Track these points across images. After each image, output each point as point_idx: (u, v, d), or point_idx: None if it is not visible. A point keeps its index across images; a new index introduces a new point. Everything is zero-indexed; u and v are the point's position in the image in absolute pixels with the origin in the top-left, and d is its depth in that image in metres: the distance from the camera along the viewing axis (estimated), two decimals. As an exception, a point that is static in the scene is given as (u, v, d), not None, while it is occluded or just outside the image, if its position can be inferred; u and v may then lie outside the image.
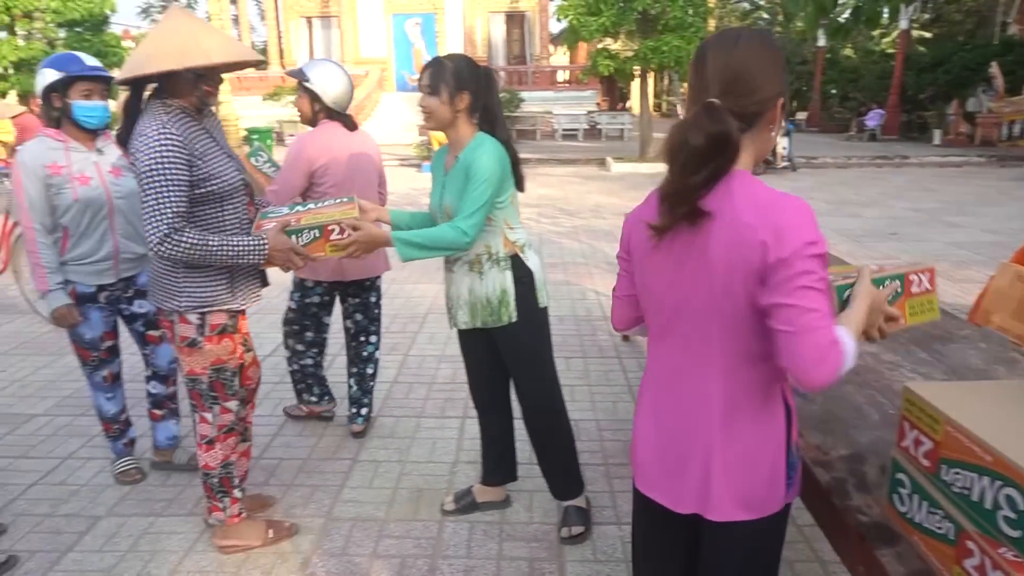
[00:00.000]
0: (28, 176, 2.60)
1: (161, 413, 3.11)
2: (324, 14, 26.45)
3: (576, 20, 15.12)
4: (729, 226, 1.18)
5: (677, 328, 1.32)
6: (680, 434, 1.33)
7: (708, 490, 1.28)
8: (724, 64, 1.23)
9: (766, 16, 34.21)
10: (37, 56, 17.07)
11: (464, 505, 2.79)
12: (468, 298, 2.43)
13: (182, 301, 2.23)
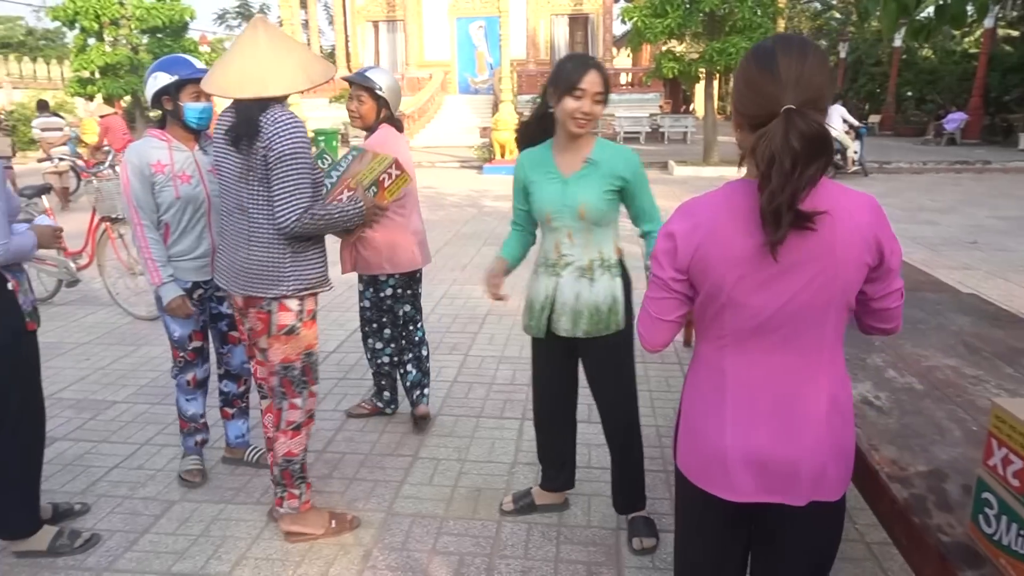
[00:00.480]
0: (134, 174, 2.70)
1: (232, 411, 3.18)
2: (390, 18, 26.95)
3: (641, 22, 14.98)
4: (848, 224, 1.23)
5: (776, 331, 1.30)
6: (791, 429, 1.32)
7: (824, 474, 1.33)
8: (799, 74, 1.21)
9: (838, 16, 33.11)
10: (122, 61, 17.97)
11: (522, 506, 2.79)
12: (574, 304, 2.36)
13: (289, 286, 2.39)
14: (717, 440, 1.36)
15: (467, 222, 9.68)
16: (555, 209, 2.32)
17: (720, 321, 1.34)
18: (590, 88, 2.18)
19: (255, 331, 2.48)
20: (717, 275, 1.29)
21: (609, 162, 2.27)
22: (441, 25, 26.41)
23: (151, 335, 5.03)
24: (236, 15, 37.19)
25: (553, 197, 2.32)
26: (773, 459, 1.32)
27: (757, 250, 1.24)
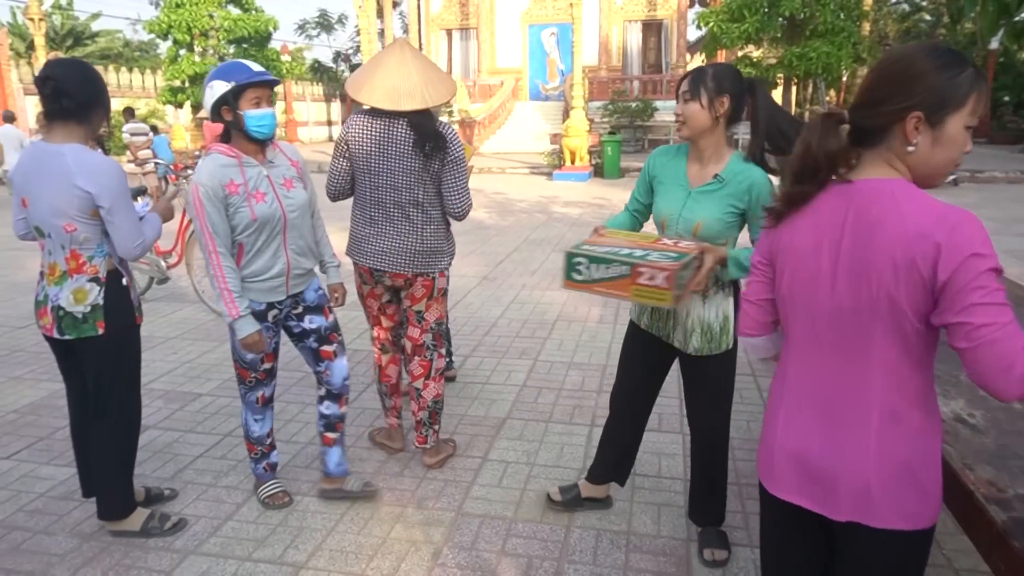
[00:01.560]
0: (208, 198, 2.46)
1: (334, 437, 2.95)
2: (463, 26, 27.35)
3: (717, 27, 14.74)
4: (894, 231, 1.19)
5: (825, 334, 1.32)
6: (834, 437, 1.32)
7: (868, 494, 1.27)
8: (867, 74, 1.31)
9: (928, 18, 31.64)
10: (210, 71, 18.89)
11: (569, 499, 2.81)
12: (685, 321, 2.34)
13: (447, 260, 3.02)
14: (771, 436, 1.42)
15: (536, 228, 9.72)
16: (672, 218, 2.30)
17: (787, 323, 1.42)
18: (680, 90, 2.25)
19: (415, 298, 3.05)
20: (785, 277, 1.37)
21: (737, 181, 2.20)
22: (513, 32, 26.62)
23: (234, 331, 5.25)
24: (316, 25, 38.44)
25: (673, 206, 2.30)
26: (813, 463, 1.34)
27: (817, 252, 1.30)
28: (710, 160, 2.26)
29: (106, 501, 2.65)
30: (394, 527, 2.74)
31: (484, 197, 13.22)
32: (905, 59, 1.25)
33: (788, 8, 13.85)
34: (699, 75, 2.22)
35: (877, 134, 1.27)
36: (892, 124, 1.24)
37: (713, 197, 2.22)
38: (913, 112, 1.22)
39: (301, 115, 31.44)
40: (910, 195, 1.21)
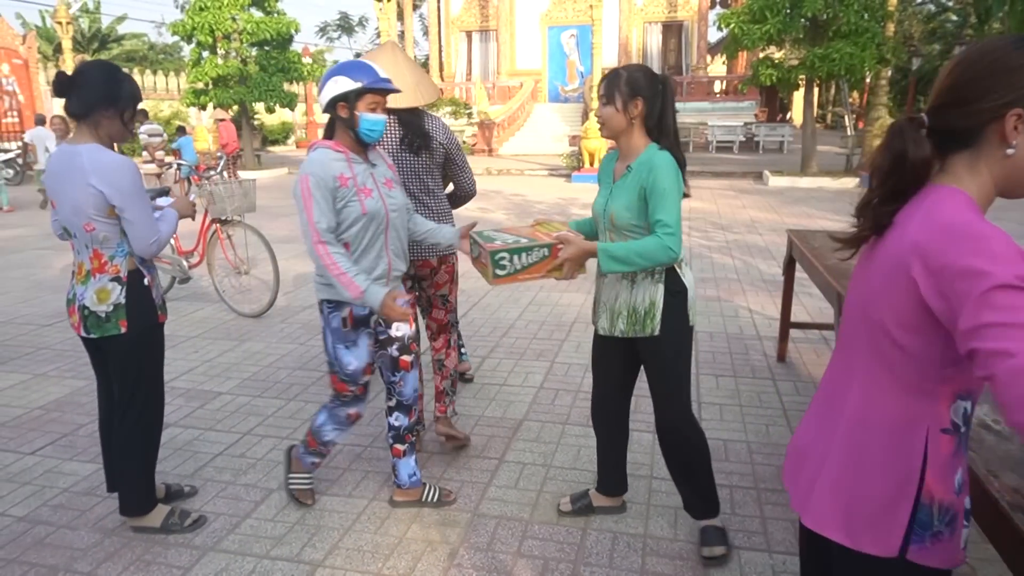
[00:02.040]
0: (318, 187, 2.39)
1: (403, 448, 2.85)
2: (483, 28, 27.43)
3: (739, 28, 14.60)
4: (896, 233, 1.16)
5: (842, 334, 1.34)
6: (813, 422, 1.37)
7: (812, 489, 1.29)
8: (947, 70, 1.16)
9: (955, 18, 31.18)
10: (232, 73, 19.05)
11: (580, 507, 2.80)
12: (613, 304, 2.45)
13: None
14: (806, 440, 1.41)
15: (555, 230, 9.70)
16: (599, 213, 2.47)
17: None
18: (599, 92, 2.39)
19: (440, 284, 3.26)
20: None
21: (642, 171, 2.28)
22: (533, 34, 26.64)
23: (254, 331, 5.31)
24: (336, 27, 38.78)
25: (600, 201, 2.47)
26: (800, 450, 1.37)
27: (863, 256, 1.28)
28: (628, 156, 2.38)
29: (127, 497, 2.69)
30: (411, 527, 2.75)
31: (502, 199, 13.23)
32: (998, 51, 1.10)
33: (811, 9, 13.68)
34: (614, 79, 2.31)
35: (964, 137, 1.13)
36: (985, 124, 1.10)
37: (625, 187, 2.32)
38: (1014, 108, 1.07)
39: (321, 117, 31.61)
40: (941, 201, 1.11)
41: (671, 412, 2.51)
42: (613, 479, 2.79)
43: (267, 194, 13.76)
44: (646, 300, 2.38)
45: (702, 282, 6.61)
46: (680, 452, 2.55)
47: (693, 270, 7.13)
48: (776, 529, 2.70)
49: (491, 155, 22.66)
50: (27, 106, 20.91)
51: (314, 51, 34.41)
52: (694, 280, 2.49)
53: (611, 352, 2.59)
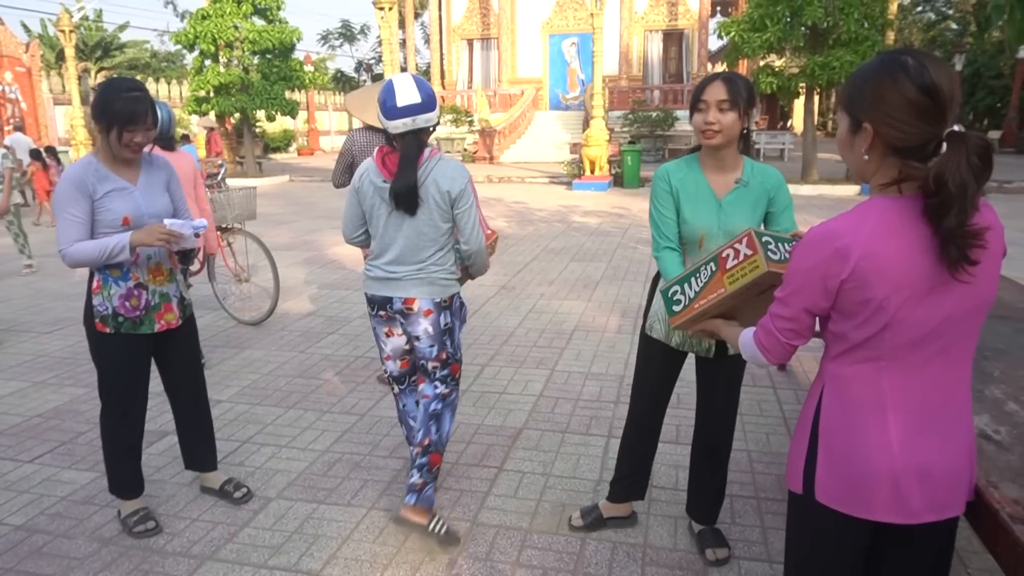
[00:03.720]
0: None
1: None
2: (484, 36, 27.50)
3: (739, 36, 14.64)
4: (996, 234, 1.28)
5: (934, 343, 1.32)
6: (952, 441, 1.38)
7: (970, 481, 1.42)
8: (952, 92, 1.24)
9: (955, 26, 31.25)
10: (234, 81, 19.12)
11: (591, 521, 2.77)
12: None
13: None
14: (883, 460, 1.33)
15: (555, 237, 9.71)
16: (710, 232, 2.26)
17: (878, 340, 1.31)
18: (711, 98, 2.16)
19: None
20: (880, 297, 1.26)
21: (760, 179, 2.26)
22: (534, 42, 26.71)
23: (254, 339, 5.31)
24: (338, 35, 38.89)
25: (708, 219, 2.26)
26: (941, 472, 1.34)
27: (926, 268, 1.25)
28: (731, 168, 2.26)
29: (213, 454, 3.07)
30: (409, 536, 2.73)
31: (503, 206, 13.24)
32: (869, 68, 1.32)
33: (811, 17, 13.70)
34: (734, 84, 2.17)
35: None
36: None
37: (742, 202, 2.25)
38: (865, 123, 1.32)
39: (323, 124, 31.78)
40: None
41: (728, 427, 2.54)
42: (635, 487, 2.76)
43: (268, 202, 13.79)
44: None
45: (702, 290, 6.60)
46: (719, 466, 2.58)
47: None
48: (776, 539, 2.68)
49: (492, 162, 22.69)
50: (29, 114, 20.97)
51: (316, 59, 34.55)
52: None
53: (669, 368, 2.55)
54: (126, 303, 2.66)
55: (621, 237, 9.66)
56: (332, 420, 3.83)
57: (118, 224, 2.58)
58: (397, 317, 2.74)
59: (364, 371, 4.57)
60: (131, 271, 2.66)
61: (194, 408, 3.01)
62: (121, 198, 2.58)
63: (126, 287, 2.65)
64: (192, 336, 2.97)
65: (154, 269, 2.71)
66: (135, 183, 2.65)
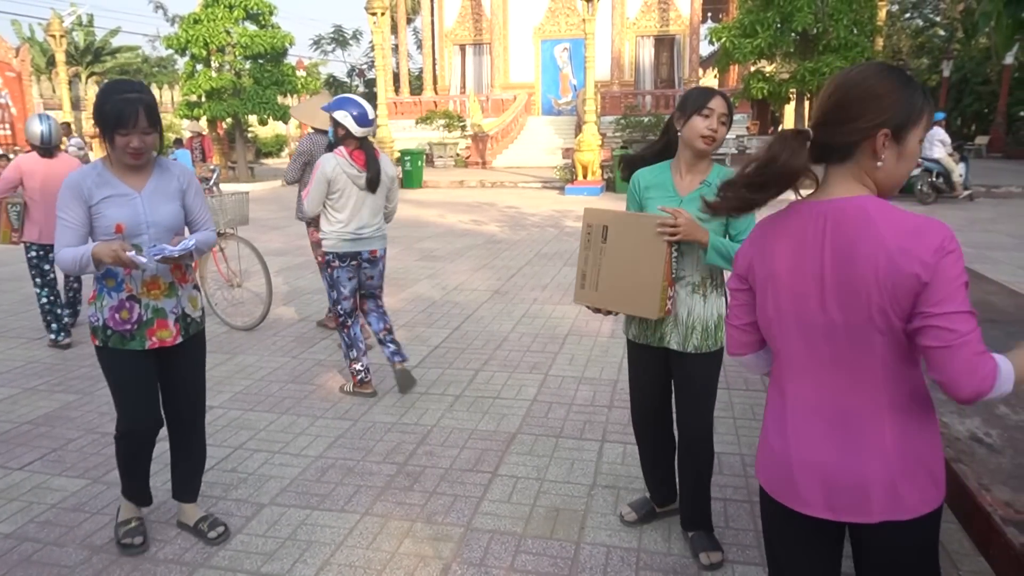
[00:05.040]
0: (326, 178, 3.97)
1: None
2: (477, 41, 27.59)
3: (730, 42, 14.76)
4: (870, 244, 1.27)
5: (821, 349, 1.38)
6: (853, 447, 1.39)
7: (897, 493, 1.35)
8: (827, 92, 1.35)
9: (942, 33, 31.53)
10: (226, 86, 19.09)
11: (644, 515, 2.82)
12: (686, 320, 2.44)
13: None
14: (783, 454, 1.44)
15: (548, 242, 9.72)
16: None
17: (771, 338, 1.46)
18: (718, 108, 2.32)
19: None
20: (761, 288, 1.43)
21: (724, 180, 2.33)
22: (526, 48, 26.81)
23: (246, 344, 5.29)
24: (331, 41, 38.86)
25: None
26: (836, 475, 1.36)
27: (792, 266, 1.36)
28: (700, 172, 2.42)
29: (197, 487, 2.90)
30: (403, 542, 2.73)
31: (496, 211, 13.26)
32: (867, 79, 1.31)
33: (801, 23, 13.84)
34: (731, 104, 2.40)
35: (844, 151, 1.33)
36: (861, 141, 1.31)
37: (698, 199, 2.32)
38: (883, 129, 1.29)
39: (315, 129, 31.70)
40: (883, 210, 1.28)
41: (704, 423, 2.57)
42: (662, 493, 2.80)
43: (260, 206, 13.76)
44: (714, 314, 2.45)
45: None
46: (699, 463, 2.61)
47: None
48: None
49: (485, 167, 22.72)
50: (19, 119, 20.86)
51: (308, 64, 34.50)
52: None
53: (654, 367, 2.60)
54: (116, 315, 2.53)
55: (614, 242, 9.66)
56: (325, 425, 3.82)
57: (111, 231, 2.46)
58: (363, 265, 4.13)
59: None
60: (125, 282, 2.53)
61: (191, 434, 2.83)
62: (118, 204, 2.46)
63: (118, 299, 2.53)
64: (196, 357, 2.77)
65: (149, 282, 2.56)
66: (140, 189, 2.52)
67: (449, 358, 4.88)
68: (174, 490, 2.88)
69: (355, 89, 35.79)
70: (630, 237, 2.33)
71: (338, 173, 3.88)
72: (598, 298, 2.44)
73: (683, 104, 2.38)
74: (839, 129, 1.32)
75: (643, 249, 2.29)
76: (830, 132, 1.34)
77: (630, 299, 2.38)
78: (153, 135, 2.44)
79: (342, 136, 3.96)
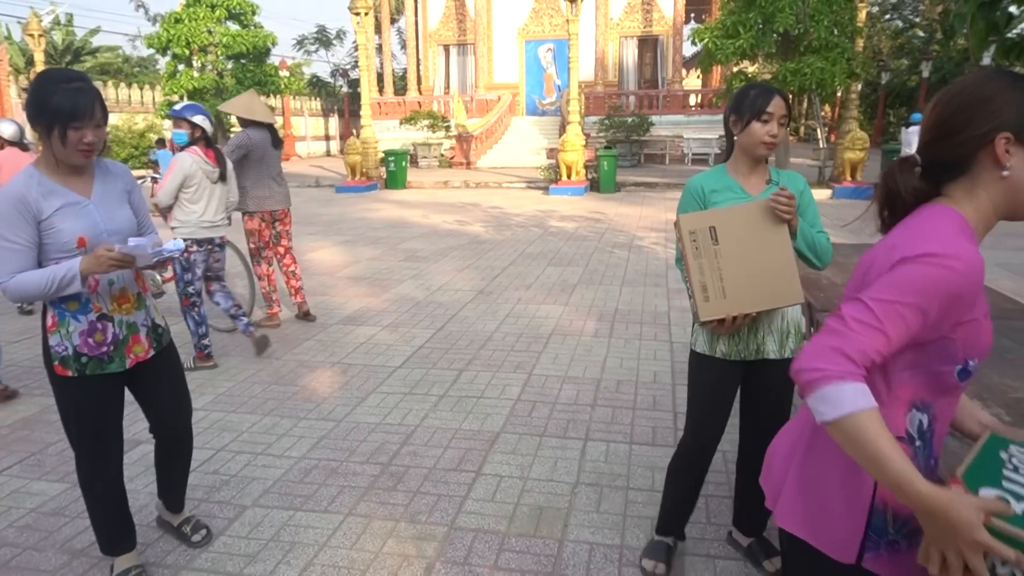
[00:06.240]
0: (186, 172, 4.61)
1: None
2: (461, 41, 27.55)
3: (712, 43, 14.83)
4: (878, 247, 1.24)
5: None
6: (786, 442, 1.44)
7: (780, 491, 1.36)
8: (929, 109, 1.24)
9: (922, 34, 31.93)
10: (208, 86, 18.95)
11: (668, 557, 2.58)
12: (781, 325, 2.33)
13: None
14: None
15: (532, 242, 9.74)
16: None
17: None
18: (777, 111, 2.21)
19: (286, 223, 5.82)
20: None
21: (787, 181, 2.34)
22: (510, 48, 26.82)
23: (229, 345, 5.25)
24: (314, 41, 38.63)
25: None
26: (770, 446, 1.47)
27: None
28: (761, 173, 2.35)
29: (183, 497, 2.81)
30: (387, 542, 2.73)
31: (480, 211, 13.26)
32: (974, 84, 1.18)
33: (782, 24, 13.94)
34: (787, 100, 2.29)
35: (958, 167, 1.19)
36: (976, 152, 1.16)
37: None
38: (1001, 133, 1.14)
39: (299, 130, 31.57)
40: (931, 215, 1.18)
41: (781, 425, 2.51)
42: (683, 525, 2.63)
43: (243, 207, 13.64)
44: (798, 316, 2.38)
45: (684, 293, 6.66)
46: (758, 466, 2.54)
47: (675, 281, 7.18)
48: (751, 538, 2.71)
49: (469, 168, 22.70)
50: (-3, 119, 20.57)
51: (292, 64, 34.29)
52: None
53: (734, 385, 2.41)
54: (89, 340, 2.27)
55: (598, 242, 9.71)
56: (308, 426, 3.80)
57: (72, 247, 2.18)
58: (214, 249, 4.78)
59: (341, 376, 4.55)
60: (91, 301, 2.28)
61: (181, 443, 2.70)
62: (74, 215, 2.19)
63: (87, 321, 2.27)
64: (174, 367, 2.60)
65: (118, 296, 2.34)
66: (89, 195, 2.25)
67: (433, 358, 4.88)
68: (165, 500, 2.77)
69: (339, 89, 35.61)
70: (743, 229, 2.09)
71: (195, 169, 4.55)
72: (731, 305, 2.12)
73: (738, 107, 2.25)
74: (947, 143, 1.19)
75: (762, 236, 2.09)
76: (938, 149, 1.20)
77: (770, 292, 2.13)
78: (104, 128, 2.19)
79: (198, 137, 4.63)
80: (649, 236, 10.21)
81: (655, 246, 9.33)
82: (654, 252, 8.88)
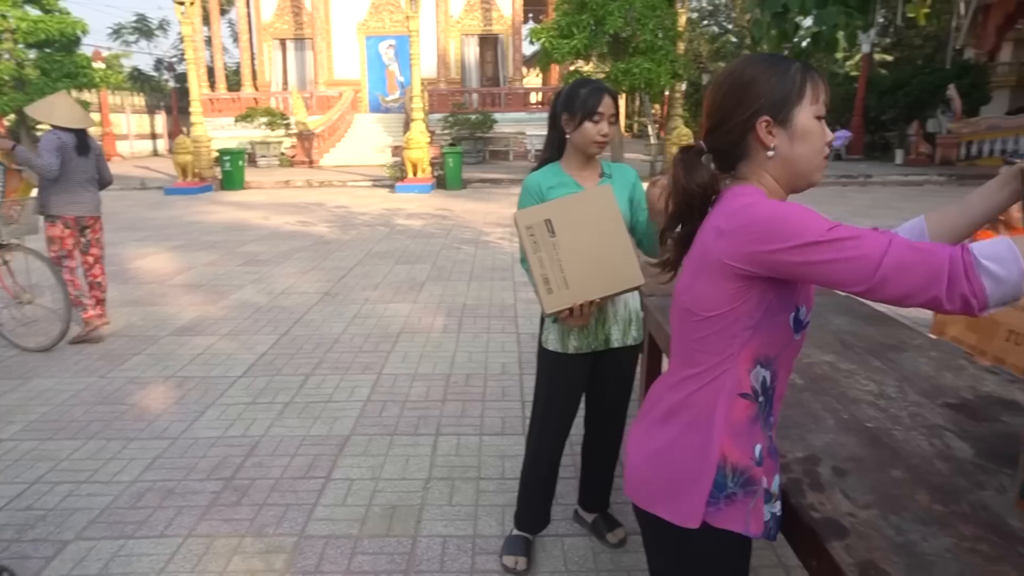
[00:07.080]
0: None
1: None
2: (298, 36, 26.51)
3: (549, 43, 15.37)
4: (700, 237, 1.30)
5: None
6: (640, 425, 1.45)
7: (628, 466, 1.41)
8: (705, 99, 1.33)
9: (734, 39, 34.95)
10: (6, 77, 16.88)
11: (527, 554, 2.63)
12: (623, 313, 2.42)
13: None
14: None
15: (379, 241, 9.62)
16: None
17: None
18: (607, 111, 2.27)
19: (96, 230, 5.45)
20: None
21: (619, 174, 2.42)
22: (350, 43, 26.18)
23: (42, 367, 4.75)
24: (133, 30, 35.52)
25: None
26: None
27: None
28: (593, 168, 2.41)
29: None
30: (231, 560, 2.61)
31: (325, 211, 12.88)
32: (735, 72, 1.27)
33: (612, 27, 14.73)
34: (615, 97, 2.35)
35: (736, 151, 1.28)
36: (745, 135, 1.25)
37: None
38: (760, 117, 1.23)
39: (121, 128, 28.97)
40: (736, 194, 1.25)
41: (625, 411, 2.61)
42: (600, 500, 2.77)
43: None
44: (638, 304, 2.47)
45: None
46: (616, 449, 2.66)
47: (519, 274, 7.38)
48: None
49: (312, 167, 21.95)
50: None
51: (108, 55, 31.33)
52: None
53: (583, 374, 2.48)
54: None
55: (445, 238, 9.77)
56: (140, 447, 3.53)
57: None
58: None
59: (176, 391, 4.26)
60: None
61: None
62: None
63: None
64: None
65: None
66: None
67: (277, 364, 4.69)
68: None
69: (165, 84, 33.04)
70: (578, 217, 2.11)
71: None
72: (574, 295, 2.12)
73: (569, 105, 2.29)
74: (722, 130, 1.28)
75: (597, 223, 2.12)
76: (716, 137, 1.30)
77: (611, 277, 2.15)
78: None
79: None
80: (495, 231, 10.41)
81: (501, 241, 9.53)
82: (500, 247, 9.07)
